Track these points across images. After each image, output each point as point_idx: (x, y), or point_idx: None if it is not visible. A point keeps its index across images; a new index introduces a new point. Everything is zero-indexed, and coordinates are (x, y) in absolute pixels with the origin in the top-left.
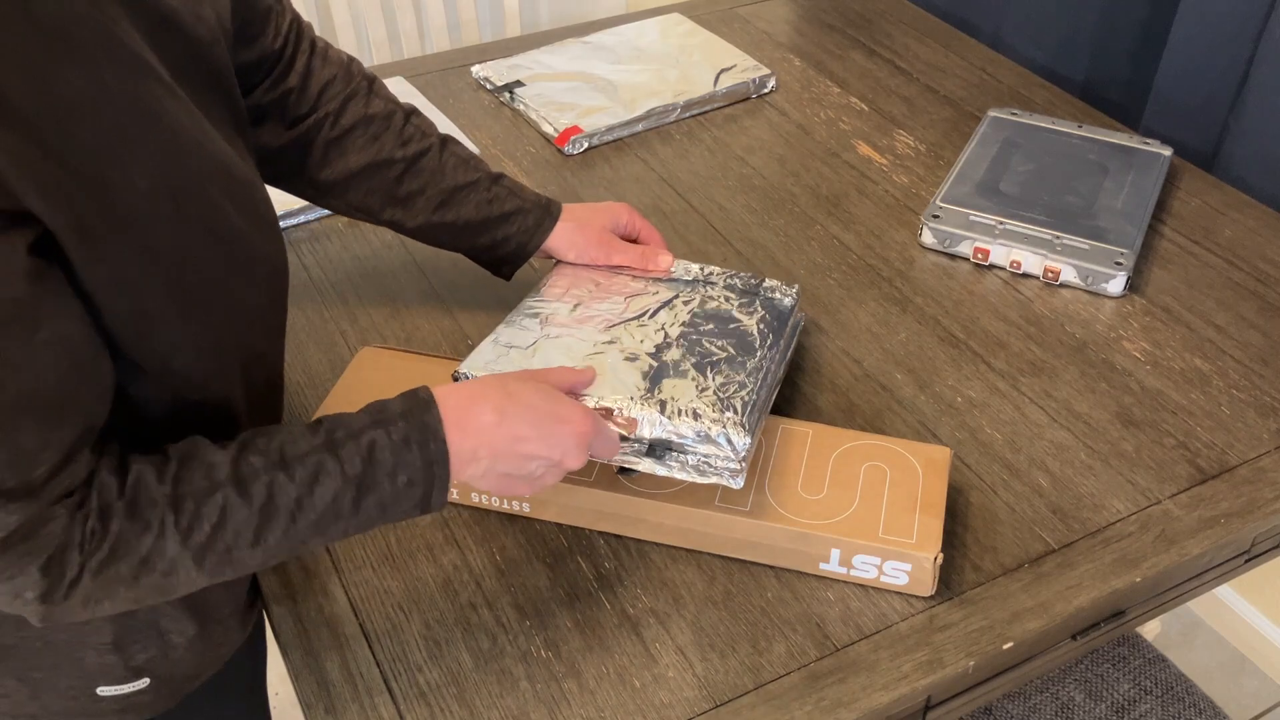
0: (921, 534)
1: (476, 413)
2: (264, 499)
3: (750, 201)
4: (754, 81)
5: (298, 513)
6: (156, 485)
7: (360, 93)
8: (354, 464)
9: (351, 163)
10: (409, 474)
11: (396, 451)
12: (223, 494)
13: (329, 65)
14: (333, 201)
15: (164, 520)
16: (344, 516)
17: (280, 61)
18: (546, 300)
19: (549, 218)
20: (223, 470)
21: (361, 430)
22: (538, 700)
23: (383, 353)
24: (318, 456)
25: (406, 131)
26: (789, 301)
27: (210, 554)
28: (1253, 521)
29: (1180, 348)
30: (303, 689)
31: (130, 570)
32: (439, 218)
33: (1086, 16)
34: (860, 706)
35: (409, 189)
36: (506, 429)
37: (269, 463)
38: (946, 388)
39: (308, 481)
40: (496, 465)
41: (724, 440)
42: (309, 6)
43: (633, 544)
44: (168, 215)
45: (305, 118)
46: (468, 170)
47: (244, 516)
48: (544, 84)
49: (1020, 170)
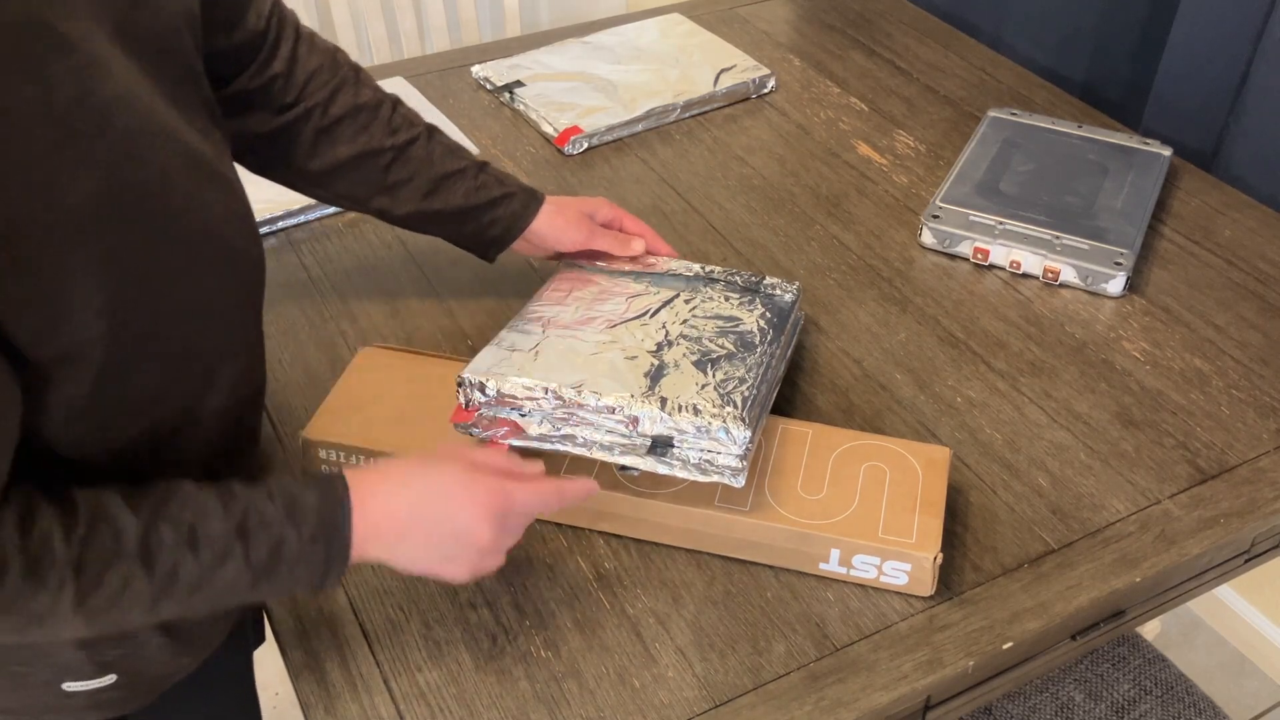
0: (921, 534)
1: (378, 505)
2: (166, 574)
3: (750, 201)
4: (754, 81)
5: (196, 590)
6: (62, 546)
7: (349, 82)
8: (259, 554)
9: (341, 152)
10: (308, 567)
11: (303, 547)
12: (127, 565)
13: (315, 53)
14: (320, 191)
15: (63, 582)
16: (238, 595)
17: (264, 47)
18: (548, 304)
19: (535, 201)
20: (131, 539)
21: (273, 522)
22: (538, 700)
23: (383, 353)
24: (226, 541)
25: (395, 120)
26: (790, 298)
27: (102, 617)
28: (1252, 521)
29: (1180, 348)
30: (303, 689)
31: (21, 624)
32: (427, 205)
33: (1086, 16)
34: (860, 706)
35: (397, 177)
36: (403, 518)
37: (178, 539)
38: (946, 388)
39: (212, 564)
40: (400, 550)
41: (724, 434)
42: (309, 6)
43: (633, 544)
44: (118, 217)
45: (293, 105)
46: (455, 158)
47: (143, 588)
48: (544, 84)
49: (1020, 170)
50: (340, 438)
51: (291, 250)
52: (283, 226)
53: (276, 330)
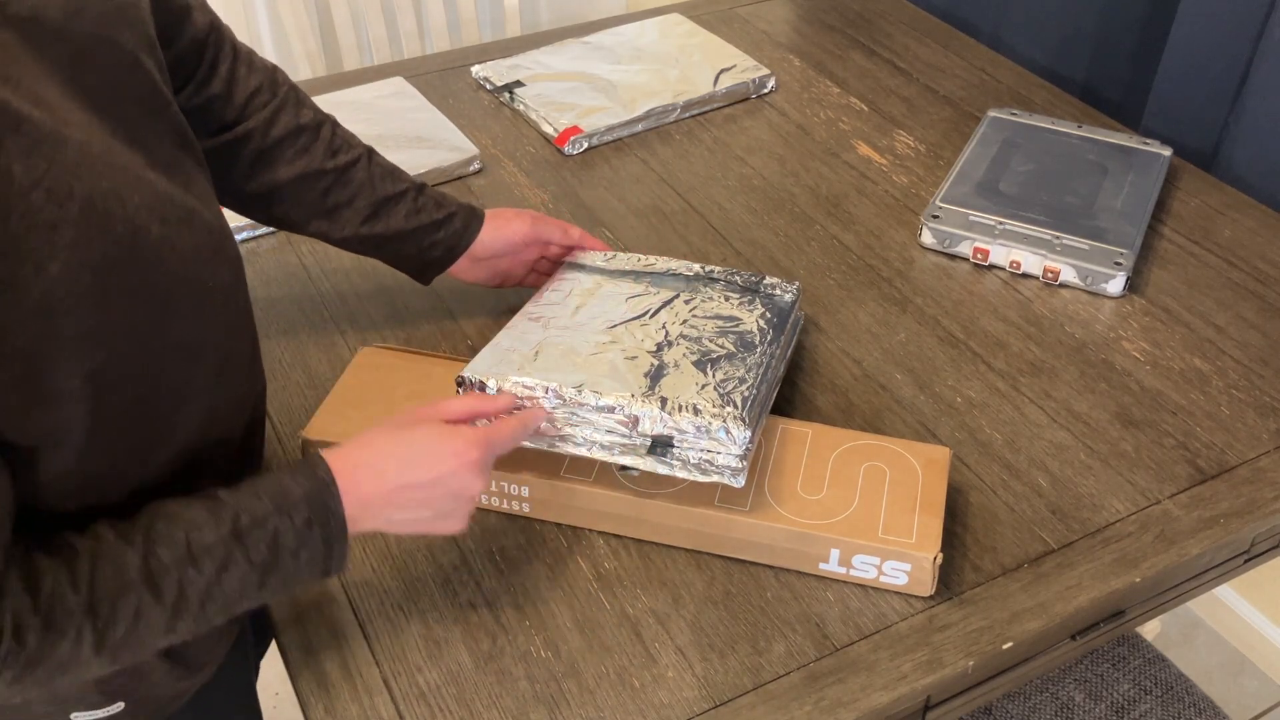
0: (921, 534)
1: (364, 478)
2: (175, 594)
3: (750, 201)
4: (754, 81)
5: (207, 601)
6: (71, 595)
7: (290, 102)
8: (259, 551)
9: (280, 174)
10: (310, 552)
11: (299, 535)
12: (136, 594)
13: (255, 72)
14: (256, 213)
15: (81, 629)
16: (249, 597)
17: (201, 63)
18: (548, 304)
19: (475, 219)
20: (133, 568)
21: (265, 517)
22: (537, 700)
23: (383, 353)
24: (225, 549)
25: (335, 142)
26: (789, 298)
27: (124, 650)
28: (1252, 521)
29: (1180, 348)
30: (303, 689)
31: (46, 675)
32: (368, 229)
33: (1086, 16)
34: (860, 706)
35: (337, 200)
36: (393, 485)
37: (177, 557)
38: (946, 388)
39: (216, 572)
40: (395, 516)
41: (724, 434)
42: (309, 7)
43: (633, 544)
44: (89, 288)
45: (232, 126)
46: (395, 181)
47: (156, 614)
48: (544, 84)
49: (1020, 170)
50: (340, 438)
51: (291, 250)
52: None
53: (276, 330)
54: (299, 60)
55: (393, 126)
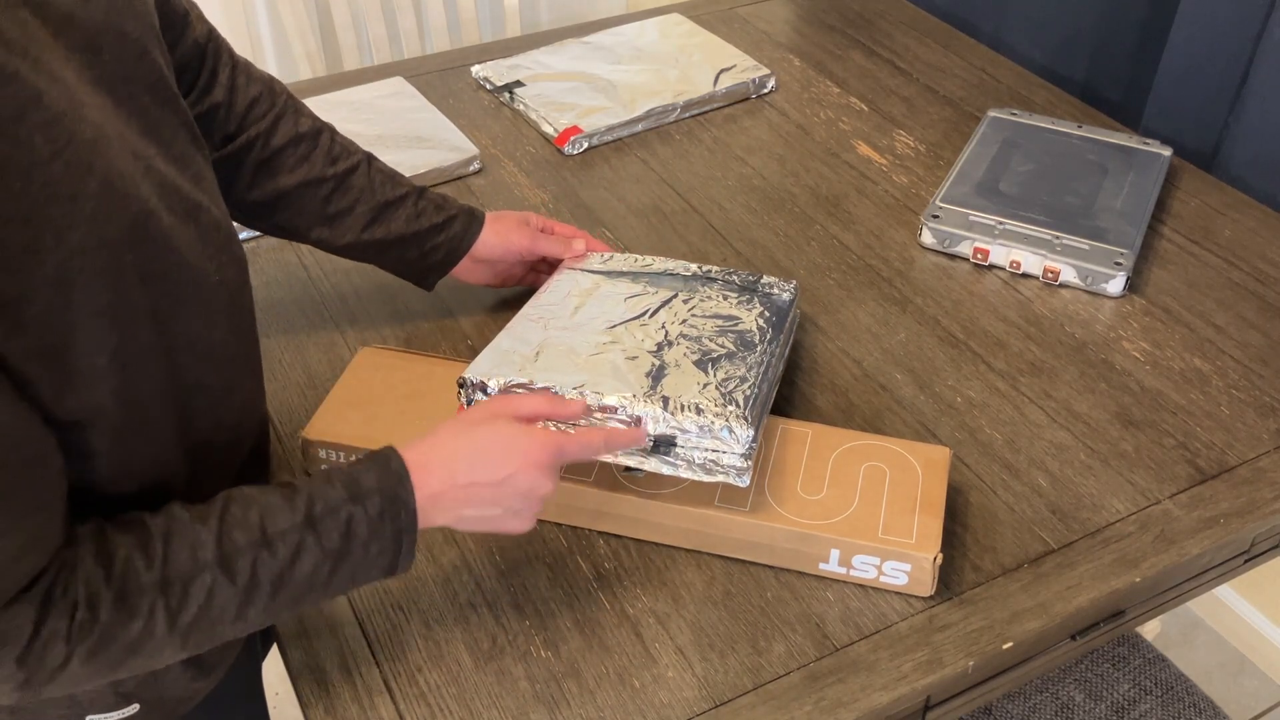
0: (921, 534)
1: (434, 474)
2: (248, 577)
3: (750, 201)
4: (754, 81)
5: (279, 589)
6: (145, 571)
7: (289, 111)
8: (332, 539)
9: (282, 183)
10: (381, 545)
11: (372, 526)
12: (210, 574)
13: (253, 82)
14: (259, 223)
15: (153, 607)
16: (318, 588)
17: (202, 70)
18: (548, 304)
19: (476, 222)
20: (208, 550)
21: (339, 505)
22: (538, 700)
23: (383, 353)
24: (299, 534)
25: (334, 149)
26: (788, 297)
27: (195, 633)
28: (1252, 521)
29: (1180, 348)
30: (303, 689)
31: (119, 655)
32: (369, 235)
33: (1086, 16)
34: (860, 706)
35: (338, 207)
36: (463, 483)
37: (251, 540)
38: (946, 388)
39: (289, 558)
40: (464, 513)
41: (727, 433)
42: (309, 7)
43: (633, 544)
44: (103, 269)
45: (235, 137)
46: (395, 185)
47: (229, 595)
48: (544, 84)
49: (1020, 170)
50: (340, 438)
51: (291, 250)
52: None
53: (276, 330)
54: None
55: (393, 126)
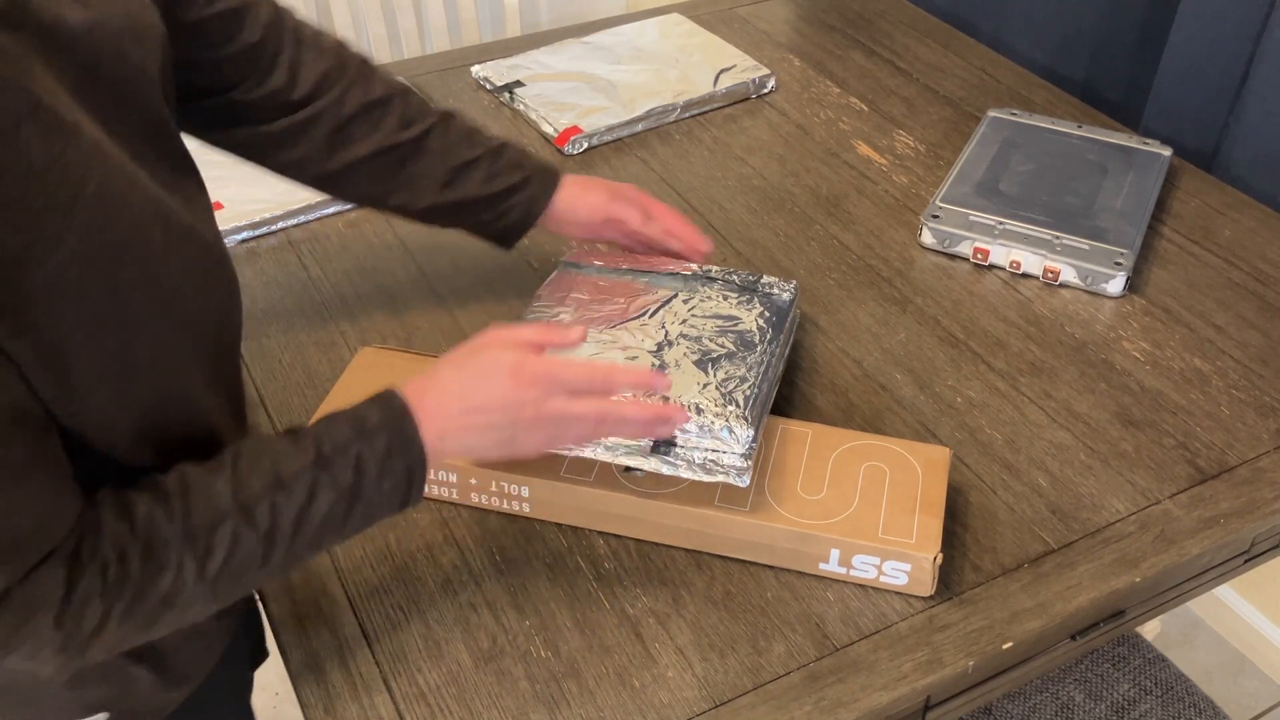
0: (921, 534)
1: (432, 407)
2: (268, 522)
3: (750, 201)
4: (754, 81)
5: (298, 531)
6: (167, 524)
7: (359, 80)
8: (345, 476)
9: (358, 151)
10: (393, 480)
11: (380, 461)
12: (231, 522)
13: (321, 56)
14: (338, 191)
15: (181, 558)
16: (336, 527)
17: (261, 59)
18: (547, 304)
19: (550, 183)
20: (226, 499)
21: (347, 444)
22: (538, 700)
23: (383, 353)
24: (311, 475)
25: (408, 113)
26: (787, 296)
27: (223, 581)
28: (1252, 521)
29: (1180, 348)
30: (303, 689)
31: (153, 610)
32: (445, 197)
33: (1086, 16)
34: (860, 706)
35: (414, 171)
36: (462, 409)
37: (266, 485)
38: (946, 388)
39: (305, 498)
40: (469, 442)
41: (727, 434)
42: (309, 6)
43: (633, 544)
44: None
45: (302, 107)
46: (471, 146)
47: (252, 541)
48: (544, 84)
49: (1020, 170)
50: None
51: (291, 250)
52: (282, 226)
53: (276, 330)
54: None
55: None
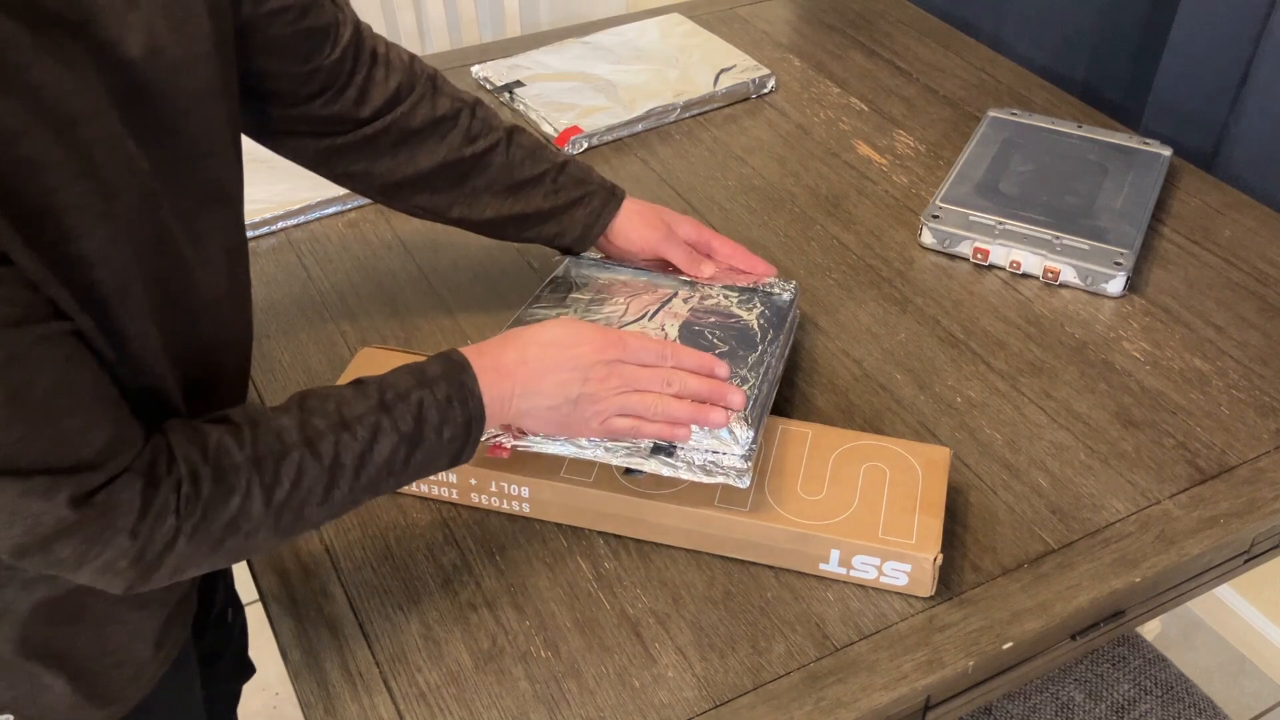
0: (921, 534)
1: (501, 359)
2: (332, 457)
3: (750, 201)
4: (754, 81)
5: (360, 469)
6: (237, 450)
7: (427, 95)
8: (406, 421)
9: (421, 164)
10: (452, 430)
11: (441, 409)
12: (297, 454)
13: (392, 73)
14: (399, 203)
15: (249, 482)
16: (395, 471)
17: (340, 75)
18: (547, 305)
19: (613, 201)
20: (292, 433)
21: (409, 391)
22: (538, 700)
23: (383, 353)
24: (375, 416)
25: (474, 128)
26: (788, 297)
27: (287, 512)
28: (1252, 521)
29: (1180, 348)
30: (303, 689)
31: (220, 532)
32: (507, 210)
33: (1086, 16)
34: (860, 706)
35: (475, 185)
36: (531, 366)
37: (331, 424)
38: (946, 388)
39: (368, 440)
40: (533, 402)
41: (727, 434)
42: None
43: (633, 544)
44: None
45: (370, 122)
46: (535, 162)
47: (316, 474)
48: (544, 84)
49: (1020, 170)
50: None
51: (291, 250)
52: (282, 227)
53: (276, 330)
54: None
55: None
